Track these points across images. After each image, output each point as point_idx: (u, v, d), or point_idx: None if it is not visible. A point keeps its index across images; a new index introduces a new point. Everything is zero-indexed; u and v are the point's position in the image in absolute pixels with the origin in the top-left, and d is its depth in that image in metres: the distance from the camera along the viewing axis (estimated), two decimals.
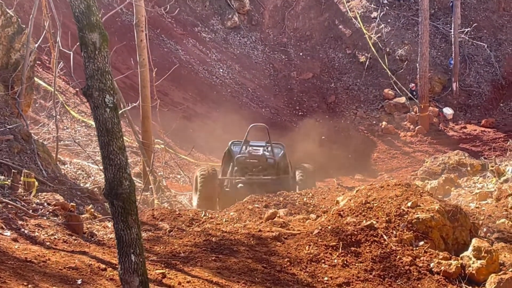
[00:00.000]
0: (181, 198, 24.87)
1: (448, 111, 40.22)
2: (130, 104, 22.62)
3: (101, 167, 22.75)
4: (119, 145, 5.43)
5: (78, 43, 5.56)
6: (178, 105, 34.22)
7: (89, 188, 19.90)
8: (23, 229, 12.00)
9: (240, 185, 22.13)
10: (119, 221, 5.66)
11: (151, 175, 23.18)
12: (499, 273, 12.08)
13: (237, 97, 40.11)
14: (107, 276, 10.05)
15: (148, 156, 23.66)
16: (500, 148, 34.35)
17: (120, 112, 5.67)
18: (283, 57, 44.45)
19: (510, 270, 12.44)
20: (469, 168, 27.53)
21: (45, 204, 13.87)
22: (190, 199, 24.52)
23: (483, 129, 38.70)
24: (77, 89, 30.87)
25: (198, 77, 40.00)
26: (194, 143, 32.65)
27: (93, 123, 28.93)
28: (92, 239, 12.93)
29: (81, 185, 20.29)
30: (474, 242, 12.90)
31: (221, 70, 41.72)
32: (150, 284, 6.07)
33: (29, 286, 8.86)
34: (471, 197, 21.04)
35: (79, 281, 9.47)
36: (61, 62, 23.15)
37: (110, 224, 15.02)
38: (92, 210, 16.28)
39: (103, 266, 10.44)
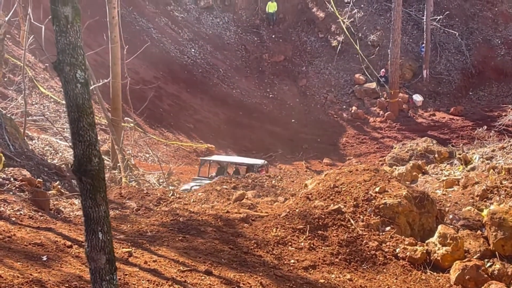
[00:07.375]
0: (149, 177, 24.78)
1: (417, 98, 40.49)
2: (101, 81, 22.45)
3: (69, 144, 22.71)
4: (89, 121, 5.39)
5: (50, 17, 5.50)
6: (148, 83, 33.96)
7: (57, 164, 19.75)
8: None
9: None
10: (87, 198, 5.60)
11: (119, 153, 23.07)
12: (464, 260, 12.22)
13: (208, 78, 39.99)
14: (73, 253, 9.99)
15: (117, 134, 23.54)
16: (468, 136, 34.63)
17: (90, 88, 5.59)
18: (255, 38, 44.38)
19: (474, 257, 12.59)
20: (436, 155, 27.73)
21: (12, 179, 13.74)
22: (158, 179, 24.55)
23: (451, 116, 39.03)
24: (47, 64, 30.54)
25: (170, 56, 39.79)
26: (164, 122, 32.51)
27: (61, 99, 28.79)
28: (59, 215, 12.86)
29: (49, 161, 20.12)
30: (440, 228, 13.04)
31: (193, 50, 41.58)
32: (116, 263, 6.02)
33: None
34: (438, 184, 21.20)
35: (44, 258, 9.40)
36: (31, 37, 22.80)
37: (77, 201, 14.94)
38: (59, 186, 16.18)
39: (69, 243, 10.39)
